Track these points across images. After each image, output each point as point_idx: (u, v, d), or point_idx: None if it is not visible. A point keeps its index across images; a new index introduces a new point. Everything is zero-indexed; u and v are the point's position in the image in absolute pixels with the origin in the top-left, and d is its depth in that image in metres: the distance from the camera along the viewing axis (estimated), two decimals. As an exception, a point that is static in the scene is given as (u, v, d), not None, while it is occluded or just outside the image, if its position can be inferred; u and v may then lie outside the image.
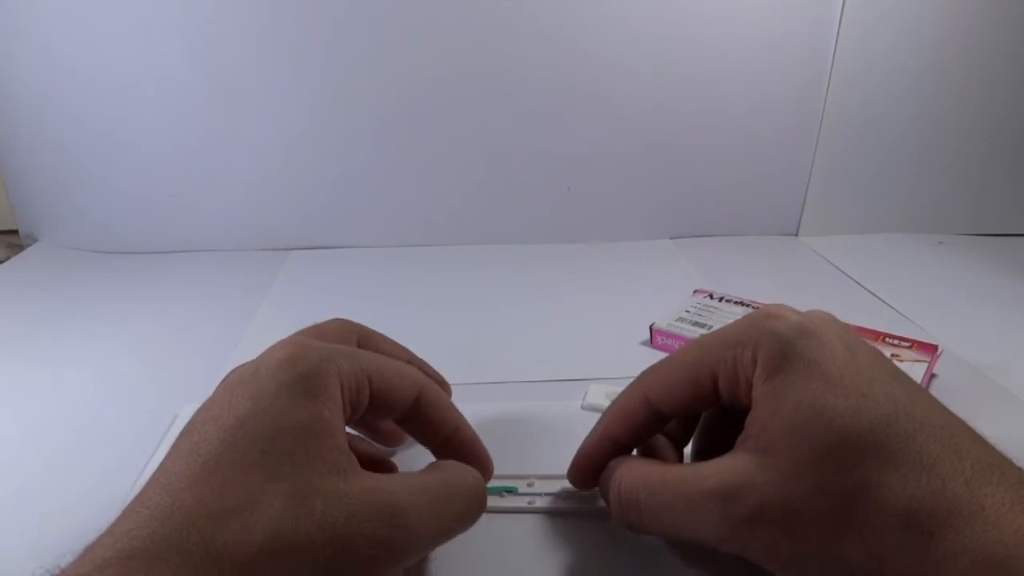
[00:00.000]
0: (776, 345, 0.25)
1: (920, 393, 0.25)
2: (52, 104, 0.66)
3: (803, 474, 0.23)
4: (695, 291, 0.56)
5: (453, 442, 0.30)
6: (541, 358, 0.48)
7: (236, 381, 0.25)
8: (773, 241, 0.74)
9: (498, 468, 0.33)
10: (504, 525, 0.32)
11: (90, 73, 0.64)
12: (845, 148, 0.72)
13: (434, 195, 0.71)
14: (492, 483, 0.33)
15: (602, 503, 0.32)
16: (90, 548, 0.21)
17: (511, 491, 0.33)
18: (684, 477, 0.26)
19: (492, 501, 0.33)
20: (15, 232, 0.74)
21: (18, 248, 0.72)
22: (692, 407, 0.28)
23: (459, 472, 0.28)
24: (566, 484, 0.33)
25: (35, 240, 0.73)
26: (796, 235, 0.75)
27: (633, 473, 0.27)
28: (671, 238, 0.74)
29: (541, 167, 0.70)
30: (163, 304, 0.58)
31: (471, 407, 0.32)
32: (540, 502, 0.33)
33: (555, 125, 0.69)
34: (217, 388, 0.26)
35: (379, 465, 0.31)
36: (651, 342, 0.50)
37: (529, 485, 0.33)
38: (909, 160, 0.73)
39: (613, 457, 0.30)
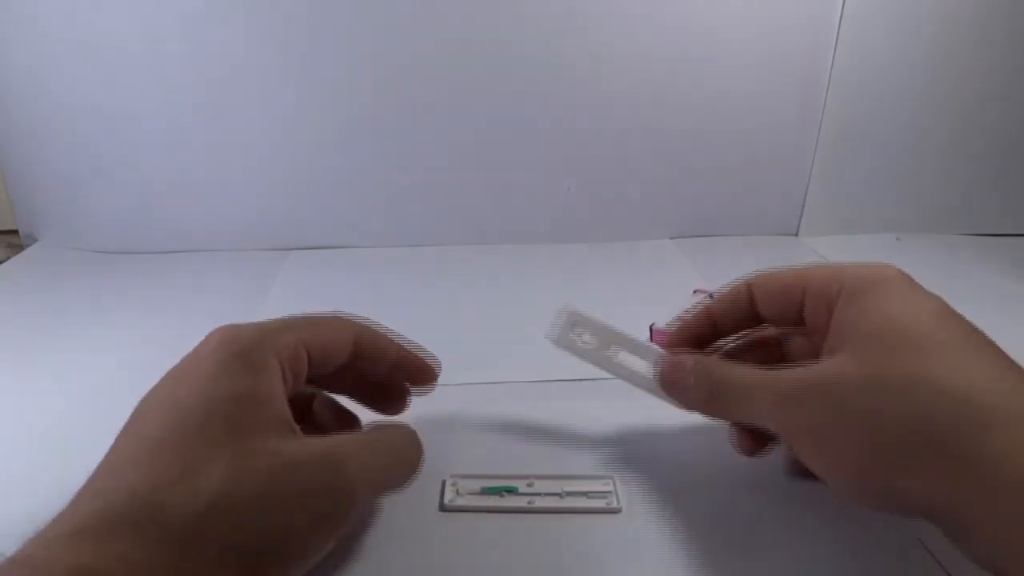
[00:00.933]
0: (863, 276, 0.29)
1: (982, 333, 0.28)
2: (52, 104, 0.66)
3: (863, 364, 0.25)
4: (695, 291, 0.56)
5: (400, 365, 0.33)
6: (541, 358, 0.48)
7: (174, 370, 0.26)
8: (773, 241, 0.74)
9: (498, 468, 0.33)
10: (504, 525, 0.32)
11: (90, 73, 0.64)
12: (845, 148, 0.72)
13: (434, 195, 0.71)
14: (492, 483, 0.33)
15: (603, 503, 0.32)
16: (36, 534, 0.21)
17: (511, 491, 0.33)
18: (769, 376, 0.28)
19: (492, 501, 0.33)
20: (15, 232, 0.74)
21: (18, 248, 0.72)
22: (778, 311, 0.32)
23: (396, 427, 0.30)
24: (566, 484, 0.33)
25: (35, 240, 0.73)
26: (796, 235, 0.75)
27: (722, 365, 0.32)
28: (671, 238, 0.74)
29: (541, 167, 0.70)
30: (163, 304, 0.59)
31: (471, 407, 0.32)
32: (540, 502, 0.33)
33: (555, 125, 0.69)
34: (160, 379, 0.27)
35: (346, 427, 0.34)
36: (651, 342, 0.50)
37: (529, 485, 0.33)
38: (909, 160, 0.73)
39: (709, 332, 0.35)
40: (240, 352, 0.25)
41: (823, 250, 0.71)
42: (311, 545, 0.23)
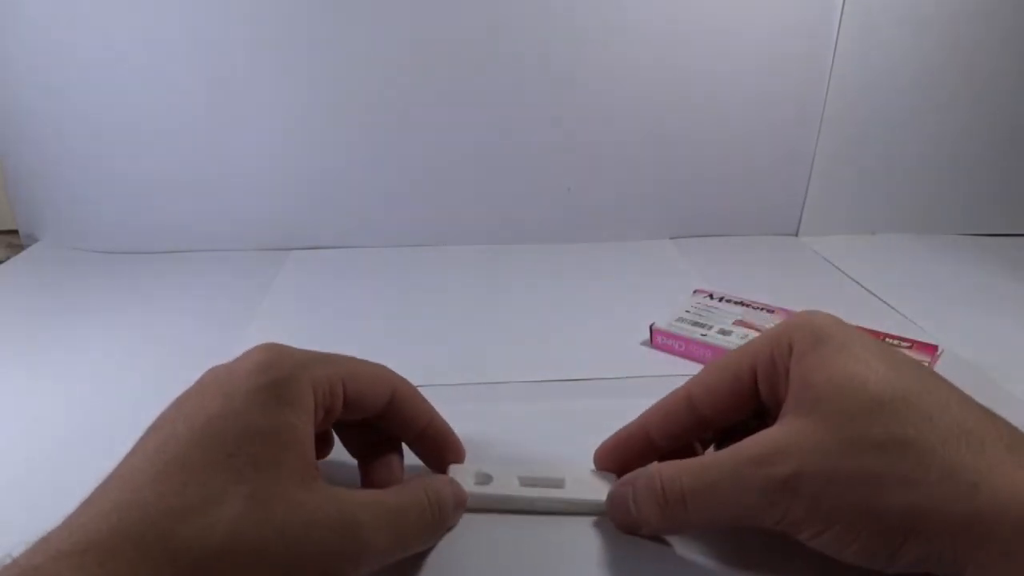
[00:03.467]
0: (810, 331, 0.26)
1: (945, 380, 0.26)
2: (52, 104, 0.66)
3: (841, 430, 0.23)
4: (695, 291, 0.56)
5: (428, 434, 0.32)
6: (541, 358, 0.48)
7: (210, 380, 0.26)
8: (773, 241, 0.74)
9: (498, 468, 0.33)
10: (501, 524, 0.32)
11: (90, 73, 0.64)
12: (845, 148, 0.72)
13: (434, 195, 0.71)
14: (489, 483, 0.33)
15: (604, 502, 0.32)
16: (44, 539, 0.20)
17: (510, 491, 0.33)
18: (723, 455, 0.26)
19: (489, 502, 0.32)
20: (15, 232, 0.74)
21: (18, 248, 0.72)
22: (731, 405, 0.29)
23: (417, 492, 0.28)
24: (567, 484, 0.33)
25: (35, 240, 0.73)
26: (796, 235, 0.75)
27: (670, 465, 0.28)
28: (671, 238, 0.74)
29: (541, 167, 0.70)
30: (163, 304, 0.58)
31: (471, 407, 0.32)
32: (539, 503, 0.32)
33: (555, 125, 0.69)
34: (192, 386, 0.26)
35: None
36: (651, 342, 0.50)
37: (527, 485, 0.33)
38: (909, 160, 0.73)
39: (644, 451, 0.31)
40: (278, 381, 0.25)
41: (823, 250, 0.71)
42: None
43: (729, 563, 0.29)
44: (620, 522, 0.30)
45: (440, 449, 0.32)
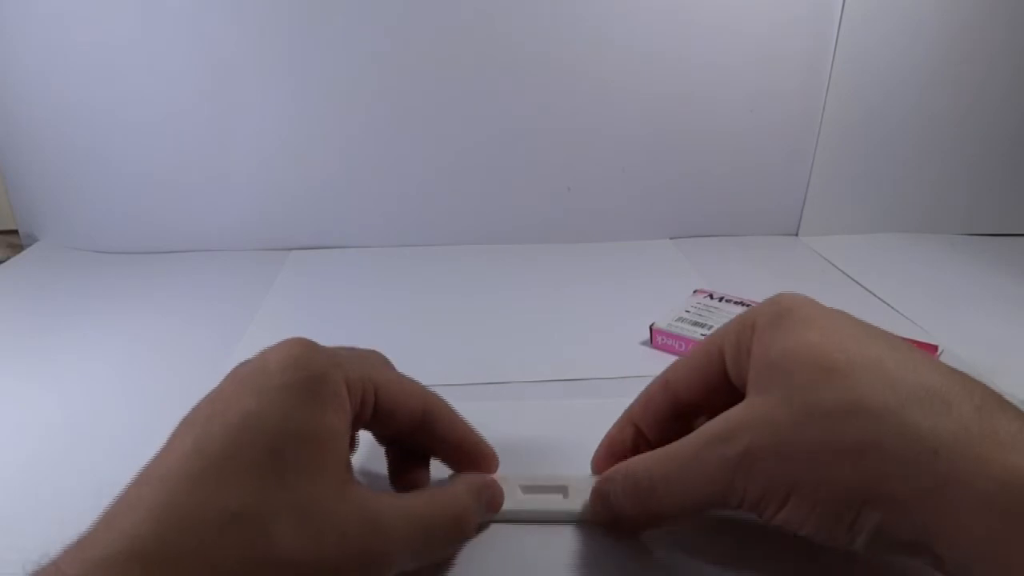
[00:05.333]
0: (773, 309, 0.26)
1: (917, 349, 0.24)
2: (52, 105, 0.66)
3: (791, 401, 0.23)
4: (695, 291, 0.56)
5: (461, 449, 0.31)
6: (541, 358, 0.48)
7: (243, 376, 0.24)
8: (773, 241, 0.74)
9: (499, 476, 0.33)
10: (502, 528, 0.32)
11: (90, 74, 0.64)
12: (845, 148, 0.72)
13: (434, 195, 0.71)
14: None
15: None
16: (83, 541, 0.20)
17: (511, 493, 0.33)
18: (688, 440, 0.26)
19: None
20: (15, 232, 0.74)
21: (18, 248, 0.72)
22: (705, 388, 0.28)
23: (446, 501, 0.27)
24: (568, 484, 0.32)
25: (35, 240, 0.73)
26: (796, 235, 0.75)
27: (644, 456, 0.28)
28: (671, 238, 0.74)
29: (541, 167, 0.70)
30: (163, 304, 0.58)
31: (471, 407, 0.32)
32: (545, 514, 0.32)
33: (555, 125, 0.69)
34: (223, 381, 0.25)
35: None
36: (651, 342, 0.50)
37: (530, 487, 0.33)
38: (909, 160, 0.73)
39: (636, 444, 0.31)
40: (312, 378, 0.24)
41: (823, 250, 0.71)
42: None
43: (728, 563, 0.29)
44: (601, 517, 0.29)
45: (472, 464, 0.31)
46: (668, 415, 0.30)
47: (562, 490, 0.32)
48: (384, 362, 0.30)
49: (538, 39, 0.66)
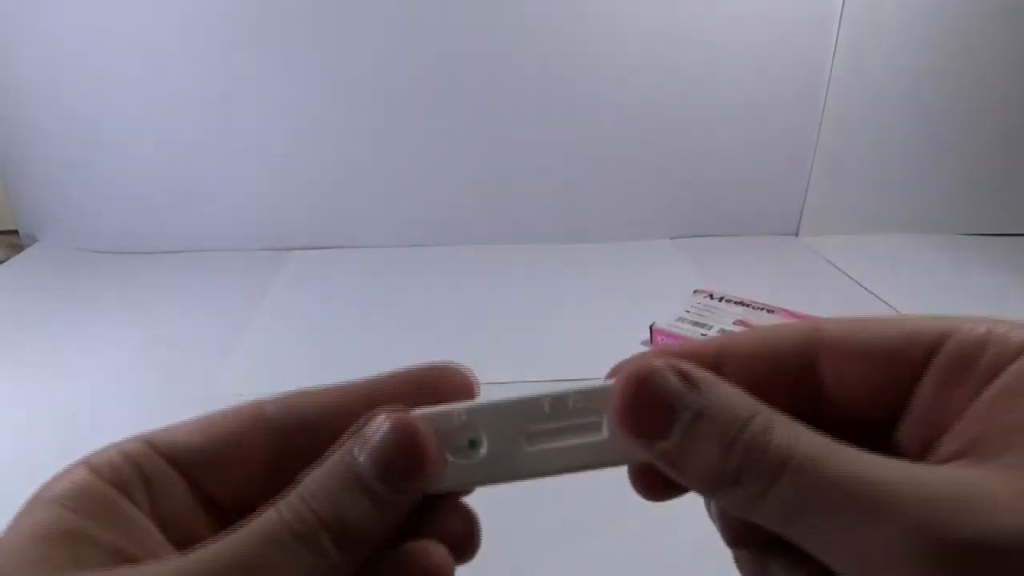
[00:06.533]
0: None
1: None
2: (53, 106, 0.66)
3: None
4: (695, 291, 0.56)
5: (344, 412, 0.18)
6: (541, 358, 0.48)
7: None
8: (773, 241, 0.74)
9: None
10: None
11: (90, 75, 0.64)
12: (845, 148, 0.71)
13: (434, 195, 0.71)
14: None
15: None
16: None
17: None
18: (900, 473, 0.14)
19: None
20: (15, 232, 0.74)
21: (18, 248, 0.72)
22: (875, 371, 0.17)
23: (269, 517, 0.15)
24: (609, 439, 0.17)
25: (35, 240, 0.73)
26: (796, 235, 0.75)
27: (788, 421, 0.15)
28: (671, 238, 0.74)
29: (541, 167, 0.70)
30: (163, 304, 0.58)
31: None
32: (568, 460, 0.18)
33: (555, 126, 0.69)
34: None
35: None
36: (651, 342, 0.50)
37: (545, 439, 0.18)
38: (909, 160, 0.73)
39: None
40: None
41: (823, 250, 0.71)
42: None
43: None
44: (635, 423, 0.16)
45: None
46: (794, 375, 0.18)
47: (594, 426, 0.18)
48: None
49: (538, 41, 0.66)
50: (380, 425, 0.16)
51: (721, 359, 0.18)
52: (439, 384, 0.19)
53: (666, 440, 0.15)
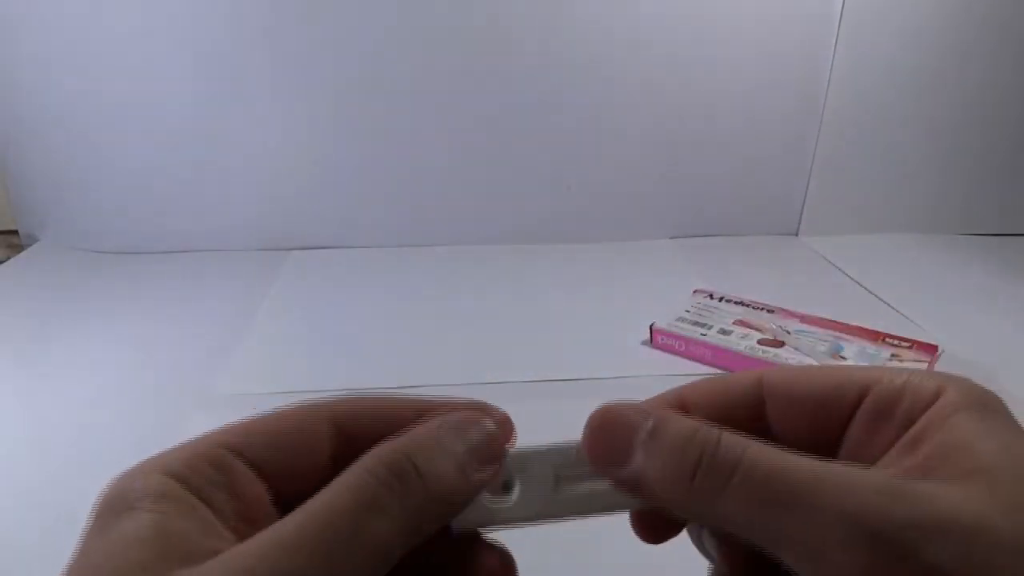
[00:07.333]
0: (974, 388, 0.19)
1: None
2: (53, 105, 0.66)
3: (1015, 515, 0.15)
4: (695, 291, 0.56)
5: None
6: (541, 358, 0.48)
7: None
8: (773, 241, 0.74)
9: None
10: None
11: (91, 75, 0.64)
12: (845, 148, 0.72)
13: (434, 196, 0.71)
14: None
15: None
16: None
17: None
18: (841, 470, 0.16)
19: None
20: (15, 232, 0.74)
21: (18, 248, 0.72)
22: (811, 416, 0.20)
23: (357, 473, 0.16)
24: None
25: (35, 240, 0.73)
26: (796, 235, 0.75)
27: (735, 434, 0.17)
28: (671, 238, 0.74)
29: (541, 167, 0.70)
30: (163, 304, 0.58)
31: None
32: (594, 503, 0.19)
33: (555, 126, 0.69)
34: None
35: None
36: (651, 342, 0.50)
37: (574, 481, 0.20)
38: (909, 160, 0.73)
39: None
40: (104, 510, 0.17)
41: (823, 250, 0.71)
42: None
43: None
44: (601, 455, 0.18)
45: None
46: (743, 414, 0.20)
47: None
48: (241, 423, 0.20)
49: (538, 41, 0.66)
50: (471, 416, 0.19)
51: (682, 408, 0.20)
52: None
53: (629, 464, 0.17)
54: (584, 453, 0.18)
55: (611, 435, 0.18)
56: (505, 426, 0.19)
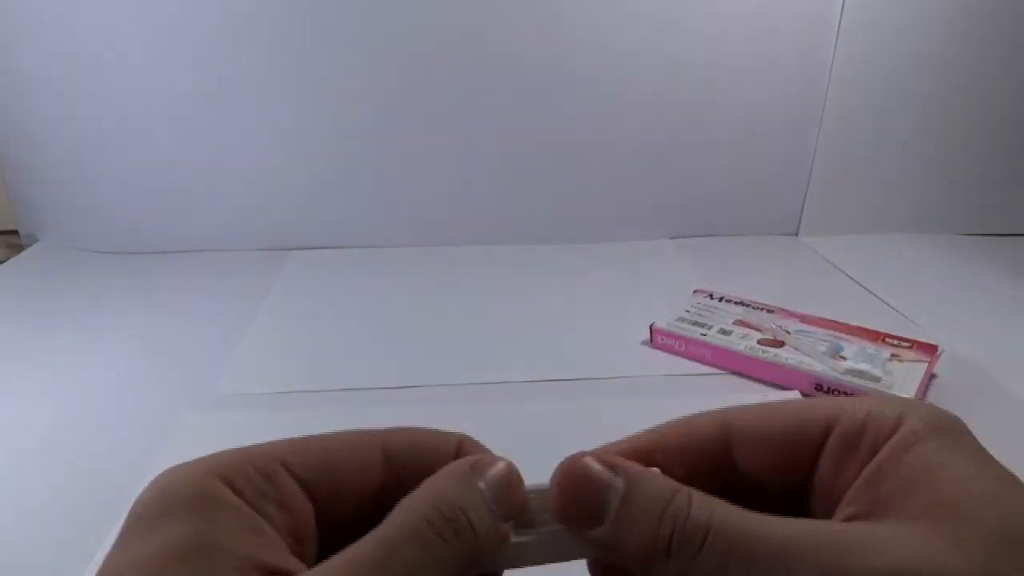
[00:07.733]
0: (935, 415, 0.19)
1: None
2: (53, 105, 0.66)
3: (971, 552, 0.16)
4: (695, 291, 0.56)
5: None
6: (541, 358, 0.48)
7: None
8: (773, 241, 0.74)
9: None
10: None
11: (91, 74, 0.64)
12: (845, 148, 0.72)
13: (434, 196, 0.71)
14: None
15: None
16: None
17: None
18: (796, 522, 0.17)
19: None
20: (15, 232, 0.74)
21: (18, 248, 0.72)
22: (778, 455, 0.20)
23: (412, 516, 0.17)
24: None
25: (35, 240, 0.73)
26: (796, 235, 0.75)
27: (699, 492, 0.18)
28: (671, 238, 0.74)
29: (542, 167, 0.70)
30: (163, 304, 0.58)
31: (471, 407, 0.32)
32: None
33: (555, 126, 0.69)
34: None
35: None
36: (651, 342, 0.50)
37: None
38: (909, 160, 0.73)
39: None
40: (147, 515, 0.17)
41: (823, 250, 0.71)
42: None
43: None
44: (573, 515, 0.18)
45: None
46: (708, 460, 0.21)
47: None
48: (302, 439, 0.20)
49: (539, 43, 0.66)
50: (497, 464, 0.19)
51: (652, 453, 0.21)
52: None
53: (601, 527, 0.17)
54: (554, 503, 0.18)
55: (581, 495, 0.18)
56: (515, 475, 0.19)
